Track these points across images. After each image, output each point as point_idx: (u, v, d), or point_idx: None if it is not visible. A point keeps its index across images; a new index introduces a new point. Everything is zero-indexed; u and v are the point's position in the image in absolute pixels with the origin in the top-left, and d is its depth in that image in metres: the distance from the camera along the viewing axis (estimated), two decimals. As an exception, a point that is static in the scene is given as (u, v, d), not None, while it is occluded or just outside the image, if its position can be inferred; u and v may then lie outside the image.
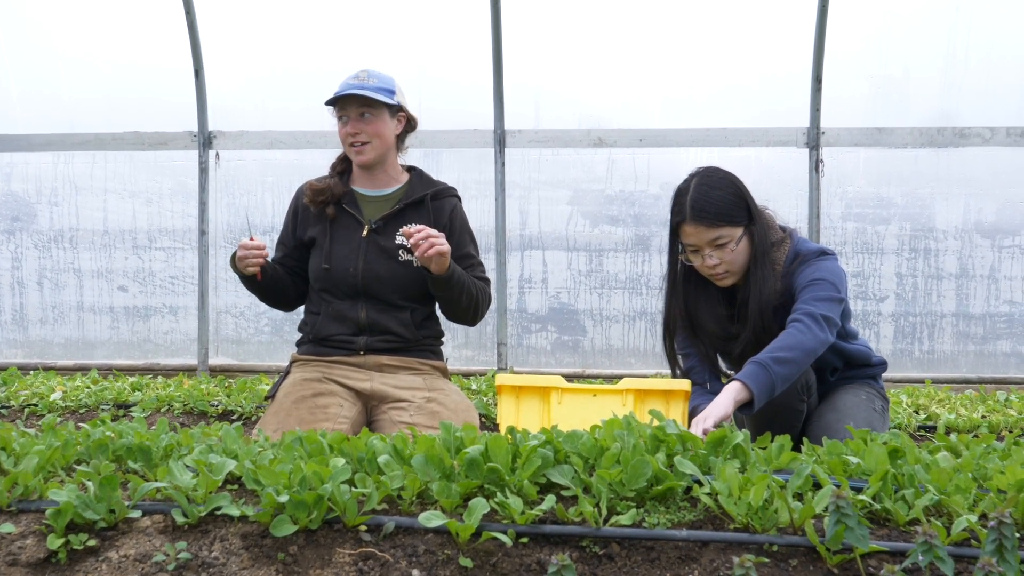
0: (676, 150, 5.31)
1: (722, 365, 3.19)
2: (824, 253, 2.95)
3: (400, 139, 3.49)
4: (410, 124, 3.50)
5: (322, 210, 3.41)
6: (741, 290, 2.98)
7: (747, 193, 2.95)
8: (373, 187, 3.46)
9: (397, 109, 3.41)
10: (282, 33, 5.45)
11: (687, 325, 3.08)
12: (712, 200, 2.87)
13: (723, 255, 2.89)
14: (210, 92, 5.44)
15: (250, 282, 3.38)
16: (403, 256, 3.36)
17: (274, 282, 3.42)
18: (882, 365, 3.19)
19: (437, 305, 3.49)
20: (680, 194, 2.94)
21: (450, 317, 3.48)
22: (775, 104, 5.33)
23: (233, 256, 3.32)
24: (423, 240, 3.08)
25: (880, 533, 1.76)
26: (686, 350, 3.15)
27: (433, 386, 3.36)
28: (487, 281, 3.49)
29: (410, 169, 3.55)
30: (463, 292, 3.29)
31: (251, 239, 3.27)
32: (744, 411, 2.69)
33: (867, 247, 5.28)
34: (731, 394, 2.63)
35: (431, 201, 3.43)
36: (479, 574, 1.69)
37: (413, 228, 3.11)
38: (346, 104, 3.33)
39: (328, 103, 3.36)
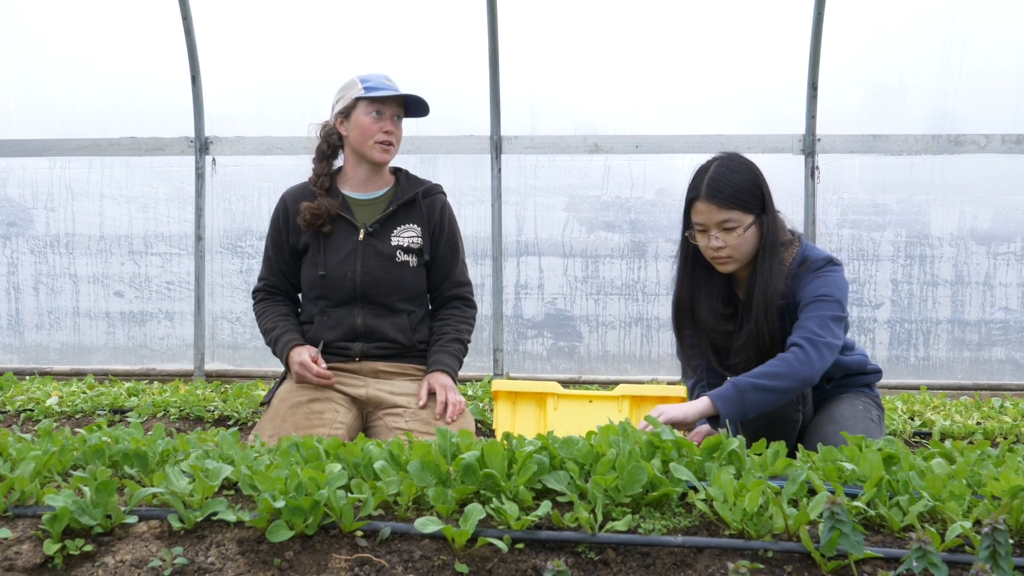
0: (672, 156, 5.32)
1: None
2: (832, 262, 2.95)
3: None
4: None
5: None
6: (747, 282, 2.98)
7: (765, 184, 2.95)
8: (365, 190, 3.46)
9: None
10: (278, 40, 5.46)
11: (688, 312, 3.09)
12: (729, 182, 2.88)
13: (729, 239, 2.88)
14: (207, 98, 5.44)
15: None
16: (400, 257, 3.37)
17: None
18: (877, 373, 3.18)
19: (430, 307, 3.55)
20: (700, 172, 2.95)
21: None
22: (771, 111, 5.34)
23: (279, 352, 3.39)
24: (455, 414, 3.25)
25: (875, 539, 1.76)
26: (693, 358, 3.15)
27: (429, 392, 3.37)
28: (470, 292, 3.55)
29: (395, 171, 3.56)
30: (464, 354, 3.48)
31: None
32: (712, 424, 2.75)
33: (863, 254, 5.29)
34: (699, 406, 2.72)
35: (422, 199, 3.45)
36: (475, 580, 1.69)
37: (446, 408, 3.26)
38: (388, 102, 3.35)
39: (380, 98, 3.31)
